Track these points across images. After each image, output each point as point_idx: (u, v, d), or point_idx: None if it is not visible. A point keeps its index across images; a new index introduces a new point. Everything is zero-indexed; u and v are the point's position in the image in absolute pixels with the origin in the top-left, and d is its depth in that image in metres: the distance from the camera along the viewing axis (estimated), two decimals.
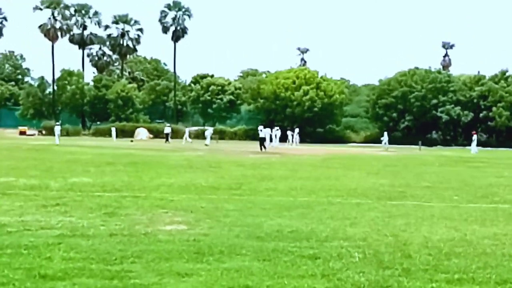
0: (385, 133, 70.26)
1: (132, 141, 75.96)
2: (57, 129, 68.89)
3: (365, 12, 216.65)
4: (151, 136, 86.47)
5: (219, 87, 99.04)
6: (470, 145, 66.85)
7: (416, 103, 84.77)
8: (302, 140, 75.20)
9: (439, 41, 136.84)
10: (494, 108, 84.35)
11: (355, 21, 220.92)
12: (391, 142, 69.89)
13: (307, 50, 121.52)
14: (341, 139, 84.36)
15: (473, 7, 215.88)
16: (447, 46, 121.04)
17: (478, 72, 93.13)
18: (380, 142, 70.74)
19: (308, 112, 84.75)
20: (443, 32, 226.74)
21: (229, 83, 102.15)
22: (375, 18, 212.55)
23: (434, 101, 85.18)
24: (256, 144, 60.80)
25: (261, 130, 61.90)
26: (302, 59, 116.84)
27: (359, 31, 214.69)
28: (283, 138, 73.61)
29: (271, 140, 67.54)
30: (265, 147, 57.32)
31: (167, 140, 72.72)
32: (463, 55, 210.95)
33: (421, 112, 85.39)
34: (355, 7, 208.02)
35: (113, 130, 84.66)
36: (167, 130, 74.75)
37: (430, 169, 37.65)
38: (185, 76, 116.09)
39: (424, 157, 53.67)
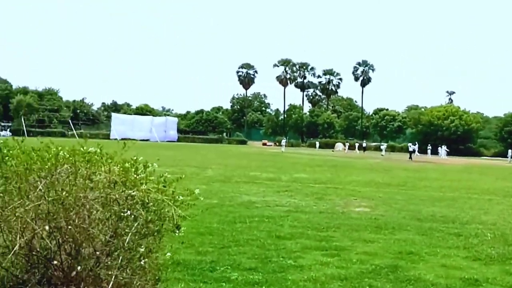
0: (509, 151, 76.72)
1: (332, 151, 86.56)
2: (283, 142, 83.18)
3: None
4: (345, 148, 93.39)
5: (391, 117, 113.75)
6: None
7: None
8: (448, 154, 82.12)
9: None
10: None
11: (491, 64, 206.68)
12: None
13: (453, 92, 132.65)
14: (476, 154, 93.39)
15: None
16: None
17: None
18: (505, 156, 78.39)
19: (453, 135, 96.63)
20: None
21: (398, 114, 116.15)
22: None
23: None
24: (413, 156, 67.42)
25: (410, 146, 73.27)
26: (450, 98, 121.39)
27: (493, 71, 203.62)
28: (434, 152, 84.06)
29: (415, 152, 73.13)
30: (411, 158, 64.02)
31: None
32: None
33: None
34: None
35: (317, 143, 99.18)
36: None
37: None
38: (369, 109, 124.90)
39: None
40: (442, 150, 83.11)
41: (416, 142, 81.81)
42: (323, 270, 8.41)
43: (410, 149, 70.44)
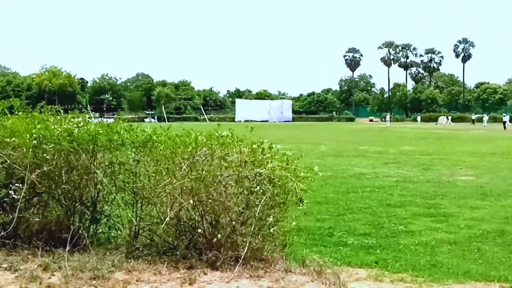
0: None
1: (436, 124, 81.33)
2: (388, 117, 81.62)
3: None
4: (449, 121, 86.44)
5: (493, 89, 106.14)
6: None
7: None
8: None
9: None
10: None
11: None
12: None
13: None
14: None
15: None
16: None
17: None
18: None
19: None
20: None
21: (499, 87, 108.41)
22: None
23: None
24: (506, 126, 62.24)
25: (504, 116, 69.00)
26: None
27: None
28: None
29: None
30: (505, 127, 58.93)
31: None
32: None
33: None
34: None
35: (419, 118, 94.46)
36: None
37: None
38: (470, 83, 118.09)
39: None
40: None
41: (508, 114, 74.48)
42: (432, 235, 8.20)
43: (504, 119, 65.71)
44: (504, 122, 64.42)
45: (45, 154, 5.30)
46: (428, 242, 7.78)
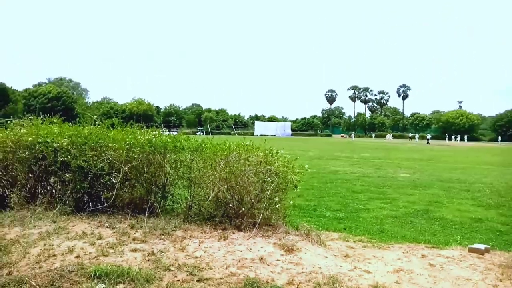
0: (499, 138, 71.33)
1: (385, 139, 78.58)
2: (352, 134, 79.21)
3: None
4: (391, 138, 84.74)
5: (422, 117, 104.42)
6: None
7: None
8: (461, 140, 75.87)
9: None
10: None
11: None
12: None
13: (462, 101, 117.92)
14: (478, 140, 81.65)
15: None
16: None
17: None
18: (497, 141, 70.09)
19: (462, 129, 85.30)
20: None
21: (426, 116, 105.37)
22: None
23: None
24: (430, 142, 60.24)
25: (428, 135, 64.59)
26: (459, 105, 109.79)
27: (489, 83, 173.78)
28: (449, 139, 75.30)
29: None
30: (428, 143, 55.09)
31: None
32: None
33: None
34: None
35: (373, 135, 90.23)
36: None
37: None
38: (407, 113, 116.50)
39: None
40: (453, 138, 76.48)
41: (430, 134, 74.96)
42: (381, 212, 8.17)
43: (428, 137, 65.18)
44: (428, 139, 63.55)
45: (133, 154, 5.34)
46: (378, 216, 7.73)
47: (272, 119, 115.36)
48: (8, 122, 6.86)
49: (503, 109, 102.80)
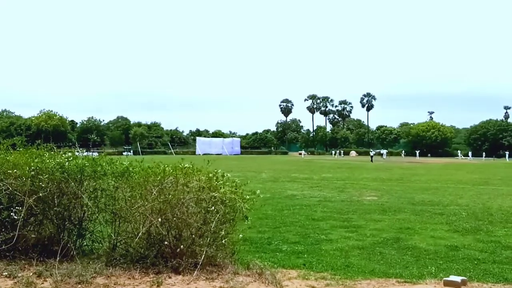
0: (469, 153, 78.91)
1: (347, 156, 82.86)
2: (303, 152, 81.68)
3: None
4: (357, 154, 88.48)
5: (389, 131, 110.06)
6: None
7: (491, 137, 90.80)
8: (432, 156, 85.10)
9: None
10: None
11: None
12: (480, 155, 78.98)
13: (433, 112, 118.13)
14: (451, 155, 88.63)
15: None
16: None
17: None
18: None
19: (434, 142, 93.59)
20: None
21: (394, 129, 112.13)
22: None
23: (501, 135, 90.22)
24: (406, 158, 67.11)
25: (371, 151, 70.70)
26: (430, 116, 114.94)
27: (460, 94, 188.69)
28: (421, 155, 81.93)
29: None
30: (372, 161, 58.37)
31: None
32: None
33: (494, 141, 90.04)
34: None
35: (336, 152, 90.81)
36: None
37: (501, 170, 36.69)
38: (373, 126, 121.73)
39: (496, 164, 52.97)
40: (417, 154, 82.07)
41: (384, 149, 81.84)
42: (346, 242, 8.31)
43: (381, 152, 70.71)
44: (372, 156, 66.07)
45: (40, 183, 5.13)
46: (343, 247, 7.86)
47: (217, 134, 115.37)
48: None
49: (478, 120, 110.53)
